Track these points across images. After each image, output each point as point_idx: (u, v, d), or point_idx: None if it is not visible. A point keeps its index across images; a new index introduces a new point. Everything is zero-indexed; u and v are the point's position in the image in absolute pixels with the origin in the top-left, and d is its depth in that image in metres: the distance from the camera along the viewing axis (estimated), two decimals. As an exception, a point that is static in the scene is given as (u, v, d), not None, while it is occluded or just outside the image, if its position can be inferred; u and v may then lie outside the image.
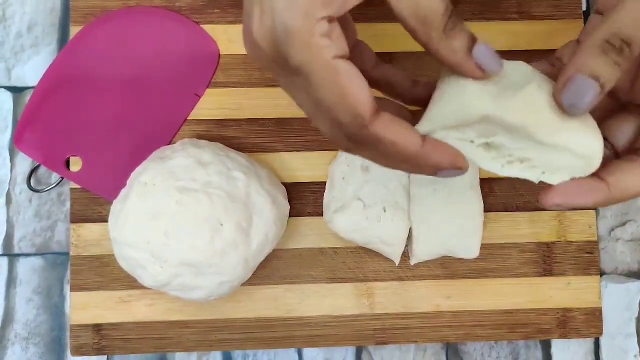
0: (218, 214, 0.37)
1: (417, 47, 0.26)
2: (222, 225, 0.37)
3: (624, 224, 0.45)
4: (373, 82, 0.30)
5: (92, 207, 0.43)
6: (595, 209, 0.39)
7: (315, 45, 0.23)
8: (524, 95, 0.25)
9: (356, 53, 0.29)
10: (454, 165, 0.26)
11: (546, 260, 0.43)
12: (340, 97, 0.24)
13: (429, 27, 0.24)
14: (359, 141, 0.25)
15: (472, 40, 0.25)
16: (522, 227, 0.44)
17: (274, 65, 0.25)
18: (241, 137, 0.44)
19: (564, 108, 0.24)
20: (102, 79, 0.43)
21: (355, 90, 0.24)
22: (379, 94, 0.30)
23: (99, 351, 0.42)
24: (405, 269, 0.43)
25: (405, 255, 0.43)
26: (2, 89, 0.45)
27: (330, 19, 0.24)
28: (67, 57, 0.43)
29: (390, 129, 0.25)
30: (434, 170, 0.26)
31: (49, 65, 0.43)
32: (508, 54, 0.27)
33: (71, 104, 0.43)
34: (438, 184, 0.41)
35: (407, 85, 0.31)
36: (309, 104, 0.26)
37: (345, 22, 0.27)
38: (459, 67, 0.25)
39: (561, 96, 0.24)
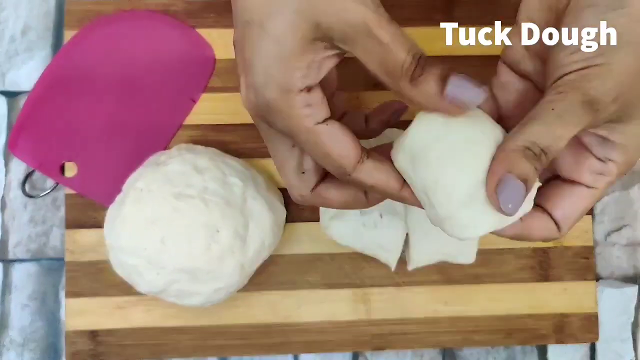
0: (214, 220, 0.37)
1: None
2: (218, 231, 0.37)
3: (620, 229, 0.45)
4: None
5: (87, 212, 0.43)
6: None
7: (296, 116, 0.25)
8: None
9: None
10: None
11: (543, 265, 0.43)
12: (324, 155, 0.26)
13: (397, 79, 0.24)
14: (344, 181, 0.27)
15: (444, 79, 0.24)
16: (518, 233, 0.44)
17: (263, 124, 0.27)
18: (237, 142, 0.43)
19: (501, 209, 0.24)
20: (97, 84, 0.43)
21: (337, 150, 0.26)
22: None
23: (95, 358, 0.42)
24: (402, 275, 0.43)
25: (402, 261, 0.43)
26: (-4, 94, 0.45)
27: (308, 89, 0.25)
28: (61, 62, 0.43)
29: (373, 176, 0.26)
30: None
31: (43, 69, 0.43)
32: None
33: (66, 109, 0.43)
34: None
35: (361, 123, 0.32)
36: (277, 159, 0.29)
37: (324, 79, 0.27)
38: (436, 110, 0.25)
39: (498, 197, 0.24)
